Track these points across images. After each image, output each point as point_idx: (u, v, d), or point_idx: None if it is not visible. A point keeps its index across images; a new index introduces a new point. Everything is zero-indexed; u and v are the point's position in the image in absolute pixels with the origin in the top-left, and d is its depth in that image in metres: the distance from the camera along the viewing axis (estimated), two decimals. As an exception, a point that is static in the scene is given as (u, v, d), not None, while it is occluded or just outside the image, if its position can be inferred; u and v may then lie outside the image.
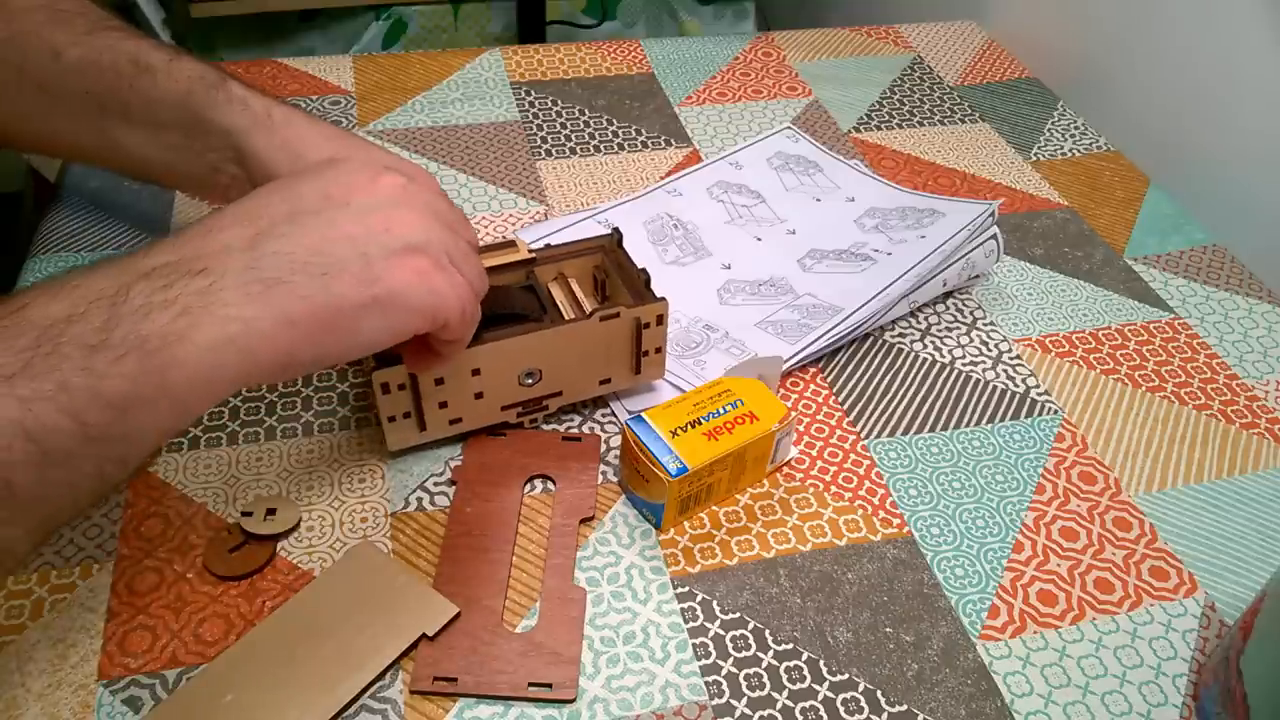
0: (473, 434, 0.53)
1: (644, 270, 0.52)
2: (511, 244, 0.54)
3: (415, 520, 0.50)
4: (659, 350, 0.53)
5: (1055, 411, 0.58)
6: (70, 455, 0.34)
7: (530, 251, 0.54)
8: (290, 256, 0.37)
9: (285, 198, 0.40)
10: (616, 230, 0.55)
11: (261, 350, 0.37)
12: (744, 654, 0.45)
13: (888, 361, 0.60)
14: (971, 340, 0.62)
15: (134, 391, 0.34)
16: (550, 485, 0.52)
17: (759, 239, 0.68)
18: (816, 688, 0.44)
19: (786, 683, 0.44)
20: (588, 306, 0.54)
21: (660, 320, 0.52)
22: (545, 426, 0.54)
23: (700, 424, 0.49)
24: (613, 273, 0.54)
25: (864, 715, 0.43)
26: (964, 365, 0.61)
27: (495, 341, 0.49)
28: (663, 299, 0.51)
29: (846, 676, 0.45)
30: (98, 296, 0.35)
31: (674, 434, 0.49)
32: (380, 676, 0.43)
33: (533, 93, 0.83)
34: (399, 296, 0.39)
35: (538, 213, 0.70)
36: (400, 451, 0.52)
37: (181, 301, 0.35)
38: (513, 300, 0.52)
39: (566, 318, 0.51)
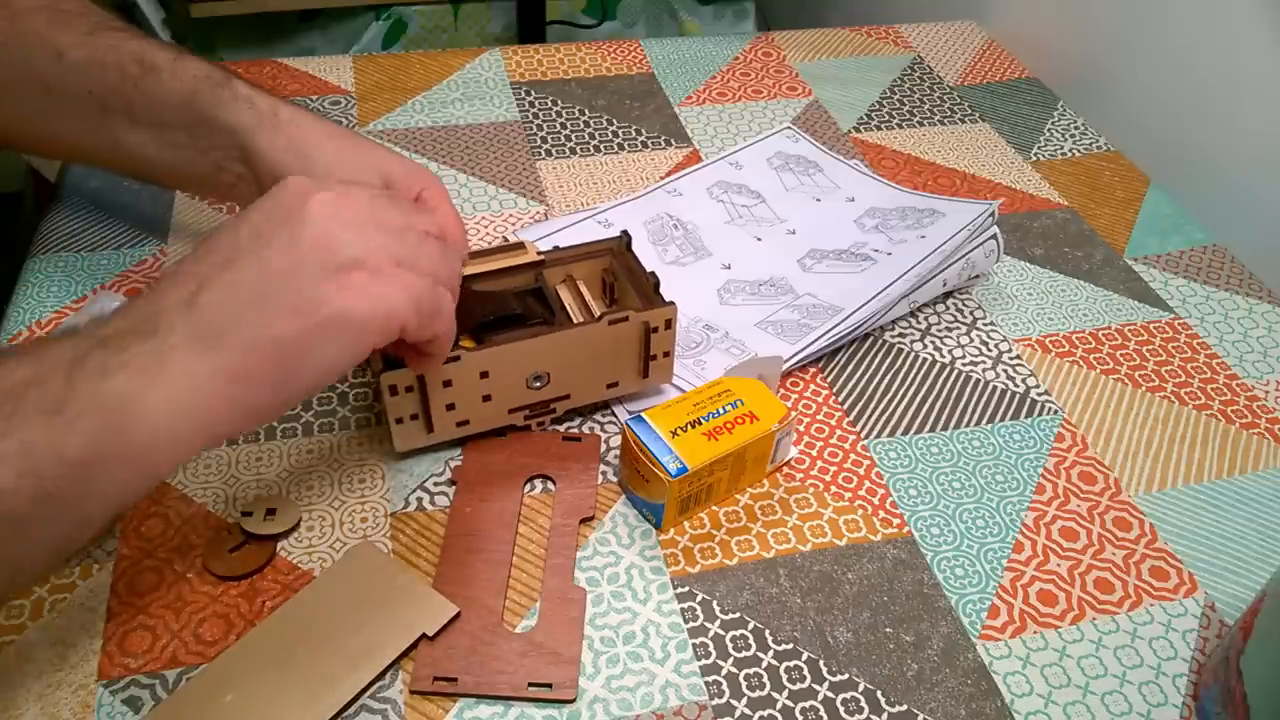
0: (474, 434, 0.53)
1: (653, 274, 0.52)
2: (520, 245, 0.54)
3: (415, 520, 0.50)
4: (667, 354, 0.53)
5: (1055, 411, 0.58)
6: (25, 520, 0.34)
7: (539, 254, 0.54)
8: (231, 304, 0.37)
9: (219, 245, 0.39)
10: (625, 234, 0.55)
11: (218, 407, 0.37)
12: (744, 654, 0.45)
13: (888, 361, 0.61)
14: (971, 340, 0.62)
15: (94, 450, 0.35)
16: (550, 485, 0.52)
17: (759, 239, 0.68)
18: (816, 688, 0.44)
19: (786, 683, 0.44)
20: (596, 310, 0.54)
21: (669, 324, 0.52)
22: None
23: (700, 424, 0.49)
24: (621, 276, 0.54)
25: (864, 715, 0.43)
26: (964, 365, 0.61)
27: (504, 345, 0.49)
28: (671, 303, 0.51)
29: (846, 676, 0.45)
30: (57, 362, 0.35)
31: (674, 434, 0.49)
32: (380, 676, 0.43)
33: (533, 93, 0.83)
34: (342, 316, 0.39)
35: (538, 213, 0.70)
36: (402, 452, 0.52)
37: (135, 363, 0.36)
38: (520, 303, 0.51)
39: (575, 321, 0.51)
